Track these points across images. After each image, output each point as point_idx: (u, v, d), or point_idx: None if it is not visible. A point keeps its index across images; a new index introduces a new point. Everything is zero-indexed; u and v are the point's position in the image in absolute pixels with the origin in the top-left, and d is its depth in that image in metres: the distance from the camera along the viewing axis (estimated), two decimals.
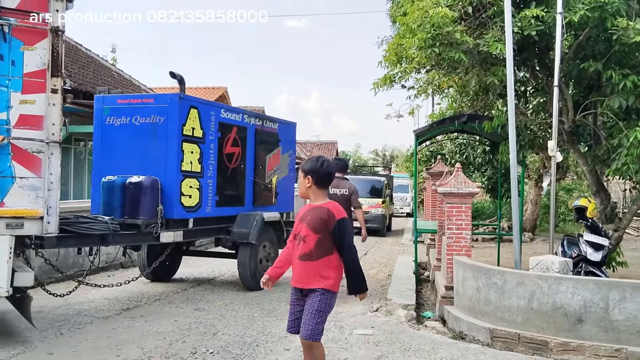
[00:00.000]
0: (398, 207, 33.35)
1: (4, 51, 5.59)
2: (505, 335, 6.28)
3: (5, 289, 5.53)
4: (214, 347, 5.89)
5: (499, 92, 9.56)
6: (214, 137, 8.73)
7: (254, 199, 9.72)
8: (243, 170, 9.48)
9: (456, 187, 8.01)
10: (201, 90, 27.51)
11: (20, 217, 5.68)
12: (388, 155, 67.25)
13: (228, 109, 9.43)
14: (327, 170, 4.08)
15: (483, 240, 17.50)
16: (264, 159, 9.99)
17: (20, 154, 5.70)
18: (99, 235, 7.06)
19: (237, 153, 9.31)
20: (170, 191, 7.95)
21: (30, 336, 6.09)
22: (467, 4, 8.48)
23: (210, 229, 8.99)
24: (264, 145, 10.03)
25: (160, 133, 8.06)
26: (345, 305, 8.26)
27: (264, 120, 10.20)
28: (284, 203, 10.67)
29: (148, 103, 8.35)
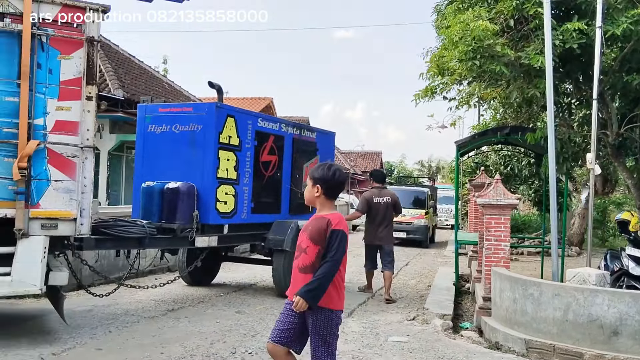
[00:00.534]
0: (442, 218, 33.09)
1: (42, 60, 5.87)
2: (541, 346, 6.29)
3: (38, 287, 5.77)
4: (253, 348, 6.13)
5: (542, 104, 9.54)
6: (251, 145, 8.89)
7: (290, 207, 9.80)
8: (279, 178, 9.58)
9: (495, 199, 8.05)
10: (247, 101, 28.13)
11: (55, 219, 5.92)
12: (434, 167, 66.67)
13: (265, 118, 9.63)
14: (339, 180, 3.78)
15: (528, 253, 17.26)
16: (301, 167, 10.08)
17: (55, 158, 5.94)
18: (135, 239, 7.30)
19: (273, 161, 9.43)
20: (206, 197, 8.14)
21: (81, 333, 6.46)
22: (509, 17, 8.53)
23: (245, 235, 9.12)
24: (302, 154, 10.13)
25: (198, 141, 8.28)
26: (382, 313, 8.41)
27: (302, 129, 10.33)
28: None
29: (187, 112, 8.60)
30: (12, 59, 5.75)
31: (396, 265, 14.39)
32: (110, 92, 16.34)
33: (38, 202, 5.85)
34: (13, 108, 5.73)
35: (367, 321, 7.76)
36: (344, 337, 6.76)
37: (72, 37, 6.03)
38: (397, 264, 14.74)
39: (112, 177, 17.89)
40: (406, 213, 20.97)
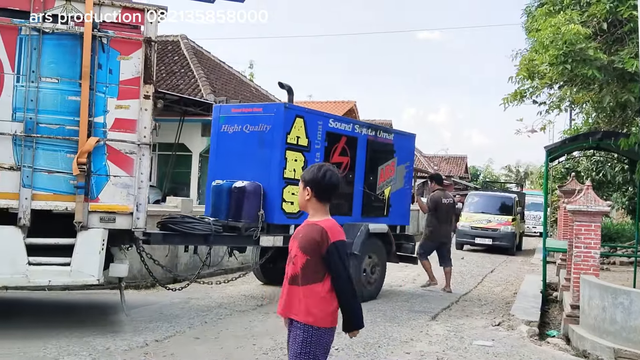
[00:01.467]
0: (530, 225, 32.08)
1: (103, 61, 6.10)
2: (631, 355, 6.15)
3: (96, 277, 6.04)
4: (339, 344, 6.36)
5: (637, 108, 9.23)
6: (321, 146, 8.83)
7: (362, 210, 9.68)
8: (351, 180, 9.46)
9: (585, 205, 7.90)
10: (330, 105, 28.55)
11: (113, 212, 6.13)
12: (522, 172, 64.65)
13: (337, 118, 9.52)
14: (330, 182, 3.40)
15: (621, 263, 16.53)
16: (375, 169, 9.95)
17: (114, 155, 6.17)
18: (201, 235, 7.53)
19: (345, 162, 9.32)
20: (272, 197, 8.19)
21: (179, 322, 6.97)
22: (602, 20, 8.34)
23: None
24: (377, 156, 9.98)
25: (266, 141, 8.35)
26: (466, 318, 8.43)
27: (378, 130, 10.18)
28: (397, 215, 10.50)
29: (257, 112, 8.70)
30: (75, 59, 6.03)
31: (481, 272, 14.30)
32: (202, 96, 17.21)
33: (97, 196, 6.09)
34: (75, 107, 6.01)
35: (451, 325, 7.83)
36: (429, 339, 6.90)
37: (131, 38, 6.24)
38: (482, 271, 14.63)
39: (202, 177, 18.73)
40: (492, 219, 20.63)
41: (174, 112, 15.07)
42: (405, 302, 9.44)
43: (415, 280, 11.95)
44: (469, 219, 20.93)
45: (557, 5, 9.29)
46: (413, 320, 7.95)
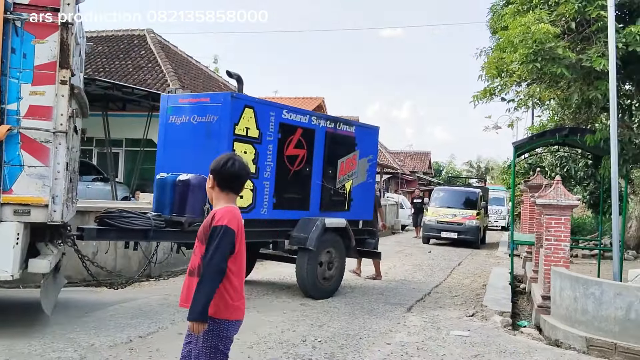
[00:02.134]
0: (492, 220, 32.79)
1: (16, 45, 5.72)
2: (602, 344, 6.41)
3: (10, 272, 5.62)
4: (322, 336, 6.47)
5: (602, 105, 9.55)
6: (273, 137, 8.49)
7: (321, 204, 9.38)
8: (308, 173, 9.15)
9: (556, 199, 8.16)
10: (299, 100, 28.55)
11: (27, 205, 5.73)
12: (483, 167, 65.91)
13: (291, 109, 9.07)
14: (230, 171, 3.33)
15: (583, 256, 17.09)
16: (335, 163, 9.65)
17: (28, 144, 5.76)
18: (140, 231, 7.16)
19: (301, 155, 8.99)
20: None
21: (160, 319, 6.93)
22: (571, 20, 8.61)
23: (266, 231, 8.68)
24: (336, 149, 9.66)
25: (213, 132, 7.99)
26: (440, 309, 8.63)
27: (337, 122, 9.84)
28: (359, 210, 10.24)
29: (204, 102, 8.30)
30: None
31: (449, 265, 14.60)
32: (172, 92, 17.00)
33: (11, 187, 5.71)
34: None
35: (427, 316, 8.01)
36: (407, 330, 7.06)
37: (47, 20, 5.83)
38: (450, 264, 14.94)
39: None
40: (457, 214, 21.04)
41: (143, 108, 14.86)
42: (380, 295, 9.60)
43: (387, 274, 12.13)
44: (435, 213, 21.31)
45: (526, 4, 9.53)
46: (390, 312, 8.10)
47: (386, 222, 24.55)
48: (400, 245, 20.06)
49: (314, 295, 8.73)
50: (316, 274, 8.82)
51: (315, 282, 8.81)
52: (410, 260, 15.35)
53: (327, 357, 5.74)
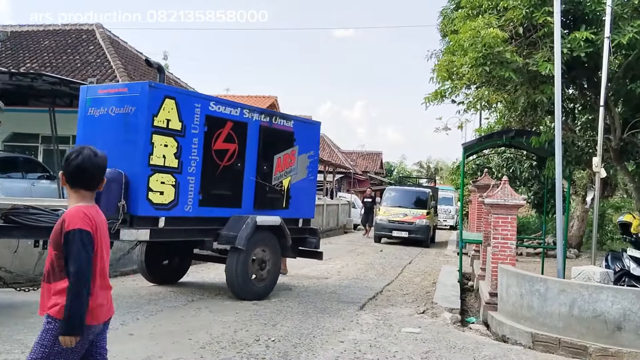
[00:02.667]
0: (442, 219, 33.45)
1: None
2: (547, 339, 6.64)
3: None
4: (275, 336, 6.46)
5: (547, 108, 9.89)
6: (199, 130, 8.06)
7: (255, 201, 8.96)
8: (240, 169, 8.73)
9: (503, 199, 8.40)
10: (251, 99, 28.39)
11: None
12: (433, 168, 67.12)
13: (220, 101, 8.64)
14: (74, 164, 3.02)
15: (527, 254, 17.61)
16: (270, 158, 9.24)
17: None
18: (46, 228, 6.57)
19: (231, 150, 8.57)
20: (136, 186, 7.35)
21: (112, 320, 6.76)
22: (518, 25, 8.86)
23: (192, 230, 8.26)
24: (272, 144, 9.26)
25: (131, 124, 7.57)
26: (392, 307, 8.76)
27: (274, 117, 9.46)
28: (299, 208, 9.84)
29: (123, 92, 7.86)
30: None
31: (400, 264, 14.81)
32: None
33: None
34: None
35: (379, 314, 8.11)
36: (360, 328, 7.13)
37: None
38: (401, 262, 15.16)
39: None
40: (408, 213, 21.38)
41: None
42: (333, 293, 9.66)
43: (340, 273, 12.22)
44: (387, 213, 21.59)
45: (476, 9, 9.76)
46: (343, 311, 8.17)
47: (339, 222, 24.71)
48: (352, 244, 20.24)
49: (246, 296, 8.38)
50: (247, 275, 8.45)
51: (247, 283, 8.44)
52: (363, 259, 15.50)
53: (280, 356, 5.74)
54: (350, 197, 29.43)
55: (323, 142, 40.04)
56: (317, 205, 23.02)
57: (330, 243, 20.12)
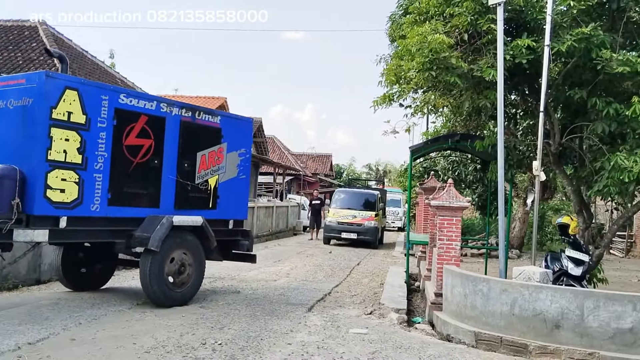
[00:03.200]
0: (390, 221, 33.85)
1: None
2: (489, 338, 6.83)
3: None
4: (222, 339, 6.40)
5: (490, 113, 10.16)
6: (107, 124, 7.57)
7: (176, 201, 8.51)
8: (157, 166, 8.27)
9: (448, 201, 8.58)
10: (200, 100, 28.04)
11: None
12: (381, 170, 67.94)
13: (132, 94, 8.22)
14: None
15: (472, 255, 18.07)
16: (193, 155, 8.82)
17: None
18: None
19: (147, 146, 8.12)
20: (32, 183, 6.89)
21: (52, 324, 6.59)
22: (463, 32, 9.08)
23: (100, 231, 7.69)
24: (195, 140, 8.85)
25: (28, 117, 7.10)
26: (340, 308, 8.81)
27: (197, 111, 8.92)
28: (229, 208, 9.45)
29: (21, 84, 7.35)
30: None
31: (349, 265, 14.91)
32: None
33: None
34: None
35: (327, 315, 8.15)
36: (308, 330, 7.14)
37: None
38: (350, 264, 15.26)
39: None
40: (357, 215, 21.57)
41: None
42: (282, 295, 9.65)
43: (289, 275, 12.21)
44: (336, 214, 21.73)
45: (423, 15, 9.95)
46: (291, 313, 8.17)
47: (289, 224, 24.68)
48: (301, 246, 20.26)
49: (163, 303, 7.95)
50: (163, 279, 7.97)
51: (163, 288, 7.96)
52: (312, 260, 15.54)
53: (227, 359, 5.69)
54: (300, 199, 29.47)
55: (273, 144, 40.00)
56: (266, 207, 23.24)
57: (279, 245, 20.11)
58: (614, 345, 6.27)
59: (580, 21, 8.57)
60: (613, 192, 8.34)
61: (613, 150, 8.32)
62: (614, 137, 8.79)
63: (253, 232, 20.50)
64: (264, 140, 33.76)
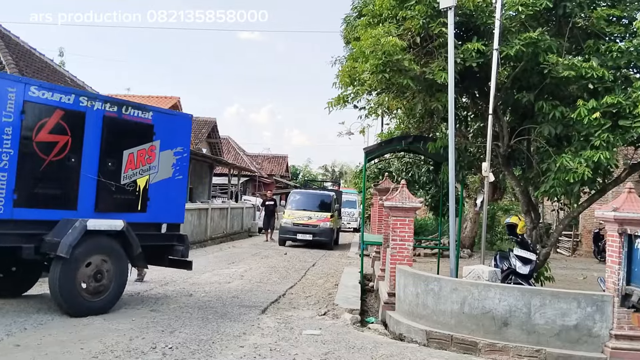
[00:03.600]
0: (345, 222, 34.04)
1: None
2: (440, 336, 6.93)
3: None
4: (173, 343, 6.30)
5: (442, 116, 10.33)
6: (14, 119, 7.02)
7: (97, 203, 7.89)
8: (75, 165, 7.66)
9: (401, 202, 8.68)
10: (153, 99, 27.57)
11: None
12: (337, 171, 68.28)
13: (46, 86, 7.56)
14: None
15: (425, 255, 18.32)
16: (118, 154, 8.18)
17: None
18: None
19: (62, 143, 7.50)
20: None
21: None
22: (416, 35, 9.19)
23: (4, 234, 7.01)
24: (121, 138, 8.23)
25: None
26: (294, 310, 8.79)
27: (124, 106, 8.31)
28: (162, 211, 8.80)
29: None
30: None
31: (304, 266, 14.90)
32: None
33: None
34: None
35: (281, 317, 8.12)
36: (261, 332, 7.10)
37: None
38: (305, 265, 15.26)
39: None
40: (312, 216, 21.61)
41: None
42: (235, 297, 9.56)
43: (243, 277, 12.12)
44: (291, 216, 21.71)
45: (376, 17, 10.04)
46: (244, 315, 8.10)
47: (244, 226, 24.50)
48: (256, 247, 20.14)
49: (75, 312, 7.29)
50: (75, 287, 7.34)
51: (75, 297, 7.33)
52: (266, 262, 15.47)
53: None
54: (255, 201, 29.31)
55: (228, 145, 39.65)
56: (221, 209, 23.00)
57: (234, 247, 19.94)
58: (560, 342, 6.47)
59: (528, 26, 8.80)
60: (559, 193, 8.61)
61: (559, 152, 8.57)
62: (560, 140, 9.04)
63: (207, 234, 20.41)
64: (219, 141, 33.45)
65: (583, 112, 7.93)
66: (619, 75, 8.69)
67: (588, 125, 7.95)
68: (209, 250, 18.02)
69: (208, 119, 32.75)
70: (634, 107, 7.78)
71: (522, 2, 8.50)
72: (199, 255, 16.11)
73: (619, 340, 6.35)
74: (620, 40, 9.17)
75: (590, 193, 9.47)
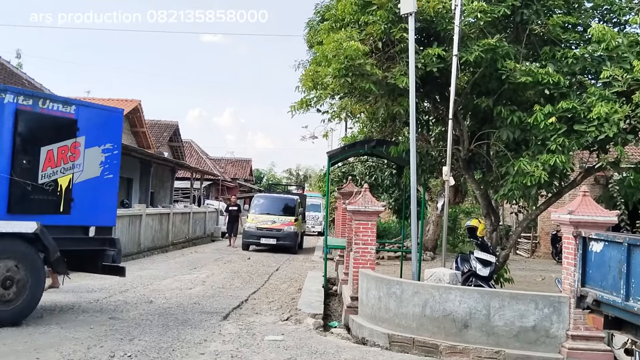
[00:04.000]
0: (310, 225, 34.02)
1: None
2: (402, 339, 6.98)
3: None
4: (132, 351, 6.18)
5: (404, 120, 10.44)
6: None
7: (9, 204, 7.26)
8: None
9: (363, 206, 8.72)
10: (113, 102, 27.06)
11: None
12: (302, 175, 68.24)
13: None
14: None
15: (389, 258, 18.44)
16: (35, 150, 7.55)
17: None
18: None
19: None
20: None
21: None
22: (378, 40, 9.27)
23: None
24: (38, 133, 7.60)
25: None
26: (256, 315, 8.74)
27: (42, 100, 7.74)
28: (90, 213, 8.21)
29: None
30: None
31: (267, 271, 14.83)
32: None
33: None
34: None
35: (242, 323, 8.05)
36: (222, 339, 7.02)
37: None
38: (268, 270, 15.18)
39: None
40: (276, 220, 21.51)
41: None
42: (196, 304, 9.44)
43: (205, 282, 11.98)
44: (255, 220, 21.56)
45: (339, 22, 10.09)
46: (205, 322, 8.00)
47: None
48: (219, 252, 19.95)
49: None
50: None
51: None
52: (229, 267, 15.33)
53: None
54: (218, 205, 29.05)
55: (191, 148, 39.26)
56: (183, 214, 22.74)
57: (196, 252, 19.72)
58: (518, 343, 6.58)
59: (487, 32, 8.96)
60: (517, 196, 8.78)
61: (517, 156, 8.73)
62: (518, 144, 9.22)
63: (169, 239, 20.11)
64: (181, 145, 33.08)
65: (539, 117, 8.10)
66: (574, 81, 8.93)
67: (544, 129, 8.12)
68: (171, 256, 17.77)
69: (170, 122, 32.39)
70: (589, 112, 7.98)
71: (481, 9, 8.64)
72: (160, 261, 15.90)
73: (576, 340, 6.50)
74: (576, 47, 9.42)
75: (547, 196, 9.69)
